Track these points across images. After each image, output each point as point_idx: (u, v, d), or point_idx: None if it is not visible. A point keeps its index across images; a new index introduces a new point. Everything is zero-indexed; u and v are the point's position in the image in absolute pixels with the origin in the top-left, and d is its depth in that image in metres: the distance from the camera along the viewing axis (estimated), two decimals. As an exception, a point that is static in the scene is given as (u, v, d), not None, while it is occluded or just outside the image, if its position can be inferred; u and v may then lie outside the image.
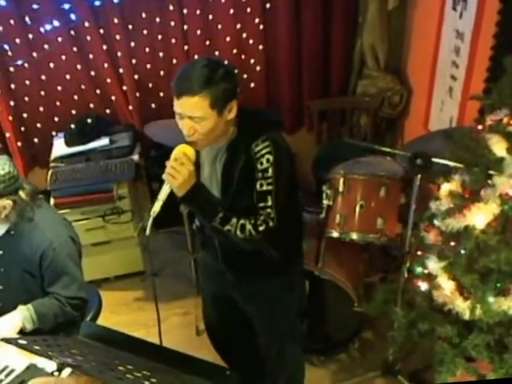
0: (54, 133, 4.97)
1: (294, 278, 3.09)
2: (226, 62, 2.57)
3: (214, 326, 3.53)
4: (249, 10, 4.77)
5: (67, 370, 2.51)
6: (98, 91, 4.94)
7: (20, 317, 2.90)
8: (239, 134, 2.63)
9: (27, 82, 4.77)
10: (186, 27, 4.76)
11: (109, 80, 4.86)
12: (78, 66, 4.77)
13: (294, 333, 3.30)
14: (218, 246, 2.88)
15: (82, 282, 3.11)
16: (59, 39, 4.63)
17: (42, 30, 4.56)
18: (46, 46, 4.65)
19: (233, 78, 2.51)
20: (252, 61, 4.96)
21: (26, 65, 4.68)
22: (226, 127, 2.58)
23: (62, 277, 2.99)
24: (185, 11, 4.68)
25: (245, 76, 4.96)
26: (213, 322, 3.50)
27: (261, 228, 2.55)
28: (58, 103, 4.92)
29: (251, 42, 4.89)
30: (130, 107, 5.01)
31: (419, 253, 2.99)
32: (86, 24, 4.58)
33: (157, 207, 2.47)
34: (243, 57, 4.93)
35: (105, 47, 4.72)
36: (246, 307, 3.17)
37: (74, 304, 3.01)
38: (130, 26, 4.71)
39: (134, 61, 4.85)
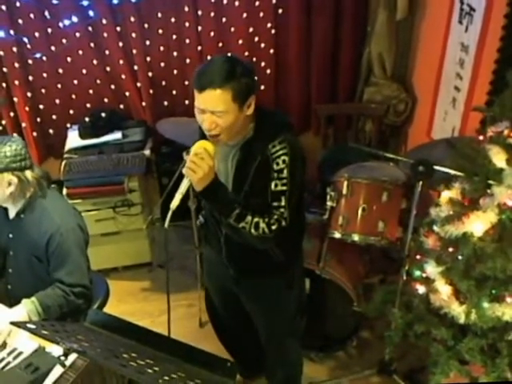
0: (68, 125, 4.98)
1: (294, 277, 3.09)
2: (242, 60, 2.55)
3: (218, 318, 3.55)
4: (261, 14, 4.77)
5: (73, 355, 2.52)
6: (112, 86, 4.95)
7: (25, 310, 2.89)
8: (255, 135, 2.62)
9: (44, 75, 4.78)
10: (200, 28, 4.76)
11: (123, 76, 4.86)
12: (95, 62, 4.79)
13: (294, 329, 3.30)
14: (223, 242, 2.86)
15: (85, 270, 3.09)
16: (77, 34, 4.64)
17: (60, 24, 4.57)
18: (64, 41, 4.66)
19: (252, 73, 2.52)
20: (263, 64, 4.96)
21: (44, 58, 4.70)
22: (244, 123, 2.57)
23: (66, 263, 2.98)
24: (199, 13, 4.68)
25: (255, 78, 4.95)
26: (217, 314, 3.51)
27: (274, 227, 2.54)
28: (73, 96, 4.94)
29: (263, 45, 4.89)
30: (143, 103, 5.01)
31: (418, 257, 2.98)
32: (104, 21, 4.59)
33: (177, 201, 2.43)
34: (254, 59, 4.91)
35: (121, 44, 4.73)
36: (248, 303, 3.17)
37: (78, 292, 3.00)
38: (146, 25, 4.71)
39: (148, 58, 4.85)
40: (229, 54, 2.57)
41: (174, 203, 2.43)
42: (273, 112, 2.83)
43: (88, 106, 4.98)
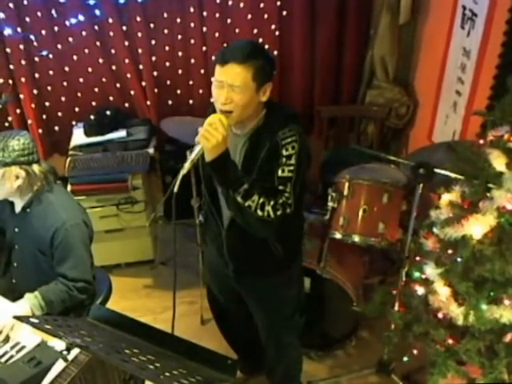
0: (74, 122, 4.99)
1: (293, 276, 3.10)
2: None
3: (221, 314, 3.56)
4: (266, 16, 4.78)
5: (76, 350, 2.52)
6: (118, 85, 4.97)
7: (28, 304, 2.89)
8: (265, 124, 2.64)
9: (51, 72, 4.80)
10: (205, 29, 4.77)
11: (129, 75, 4.88)
12: (100, 60, 4.80)
13: (292, 327, 3.30)
14: (224, 236, 2.86)
15: (88, 265, 3.09)
16: (83, 33, 4.66)
17: (67, 23, 4.59)
18: (70, 39, 4.68)
19: (273, 61, 2.57)
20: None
21: (50, 56, 4.72)
22: (257, 108, 2.59)
23: (70, 257, 2.98)
24: (204, 14, 4.70)
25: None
26: (220, 310, 3.52)
27: (278, 212, 2.53)
28: (79, 94, 4.96)
29: (267, 47, 4.87)
30: (148, 102, 5.03)
31: (418, 258, 2.98)
32: (110, 20, 4.61)
33: (187, 166, 2.44)
34: (258, 61, 4.91)
35: (126, 43, 4.75)
36: (248, 300, 3.18)
37: (80, 287, 3.00)
38: (152, 25, 4.72)
39: (153, 58, 4.87)
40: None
41: (185, 169, 2.44)
42: (282, 104, 2.87)
43: (93, 103, 4.99)
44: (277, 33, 4.86)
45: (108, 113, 4.78)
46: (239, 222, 2.65)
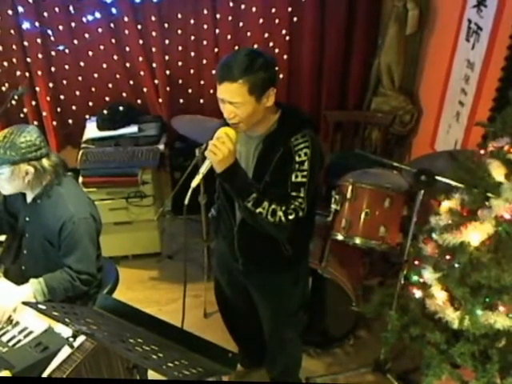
0: (87, 116, 5.00)
1: (299, 273, 3.10)
2: (266, 53, 2.56)
3: (226, 306, 3.56)
4: (277, 21, 4.78)
5: (81, 338, 2.52)
6: (131, 82, 4.98)
7: (31, 289, 2.90)
8: (279, 128, 2.64)
9: (66, 67, 4.82)
10: (217, 31, 4.78)
11: (142, 73, 4.88)
12: (115, 57, 4.81)
13: (296, 323, 3.31)
14: (235, 231, 2.87)
15: (93, 259, 3.09)
16: (99, 30, 4.68)
17: (84, 20, 4.61)
18: (86, 35, 4.70)
19: (271, 67, 2.53)
20: (276, 68, 4.93)
21: (66, 50, 4.74)
22: (264, 113, 2.59)
23: (76, 250, 2.98)
24: (218, 16, 4.71)
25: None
26: (226, 303, 3.52)
27: (291, 216, 2.55)
28: (93, 89, 4.97)
29: (277, 51, 4.90)
30: (160, 100, 5.03)
31: (416, 262, 2.96)
32: (126, 19, 4.62)
33: (197, 180, 2.47)
34: (268, 64, 4.91)
35: (141, 42, 4.75)
36: (254, 295, 3.18)
37: (84, 279, 3.00)
38: (166, 25, 4.73)
39: (167, 57, 4.87)
40: (252, 48, 2.58)
41: (195, 182, 2.47)
42: (296, 108, 2.86)
43: (107, 99, 5.00)
44: (287, 38, 4.86)
45: (121, 108, 4.79)
46: (252, 224, 2.68)
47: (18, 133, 2.84)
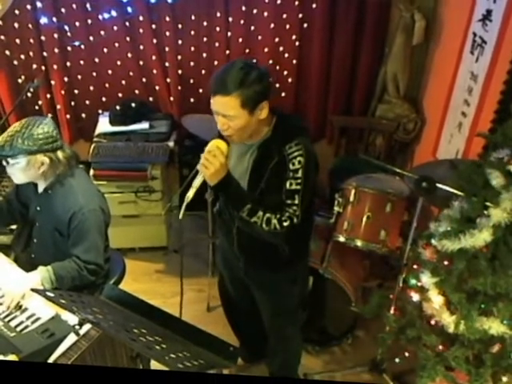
0: (100, 111, 5.01)
1: (298, 272, 3.11)
2: (260, 66, 2.54)
3: (229, 302, 3.57)
4: (288, 26, 4.76)
5: (87, 326, 2.52)
6: (144, 80, 4.97)
7: (39, 277, 2.91)
8: (273, 136, 2.62)
9: (82, 62, 4.81)
10: (229, 34, 4.76)
11: (155, 71, 4.87)
12: (129, 55, 4.80)
13: (295, 320, 3.32)
14: (235, 233, 2.88)
15: (101, 250, 3.09)
16: (115, 28, 4.66)
17: (100, 17, 4.59)
18: (102, 32, 4.68)
19: (265, 80, 2.49)
20: (285, 72, 4.96)
21: (82, 46, 4.73)
22: (258, 125, 2.57)
23: (84, 241, 2.99)
24: (230, 19, 4.69)
25: (277, 85, 4.95)
26: (229, 298, 3.53)
27: (285, 223, 2.54)
28: (107, 85, 4.96)
29: (286, 55, 4.89)
30: (171, 98, 5.02)
31: (415, 266, 2.97)
32: (141, 18, 4.61)
33: (191, 194, 2.47)
34: (278, 68, 4.91)
35: (155, 41, 4.74)
36: (255, 292, 3.19)
37: (91, 269, 3.01)
38: (180, 26, 4.72)
39: (179, 57, 4.86)
40: (246, 60, 2.56)
41: (189, 196, 2.46)
42: (291, 116, 2.85)
43: (120, 95, 4.99)
44: (297, 43, 4.84)
45: (133, 105, 4.80)
46: (248, 231, 2.69)
47: (35, 124, 2.85)
